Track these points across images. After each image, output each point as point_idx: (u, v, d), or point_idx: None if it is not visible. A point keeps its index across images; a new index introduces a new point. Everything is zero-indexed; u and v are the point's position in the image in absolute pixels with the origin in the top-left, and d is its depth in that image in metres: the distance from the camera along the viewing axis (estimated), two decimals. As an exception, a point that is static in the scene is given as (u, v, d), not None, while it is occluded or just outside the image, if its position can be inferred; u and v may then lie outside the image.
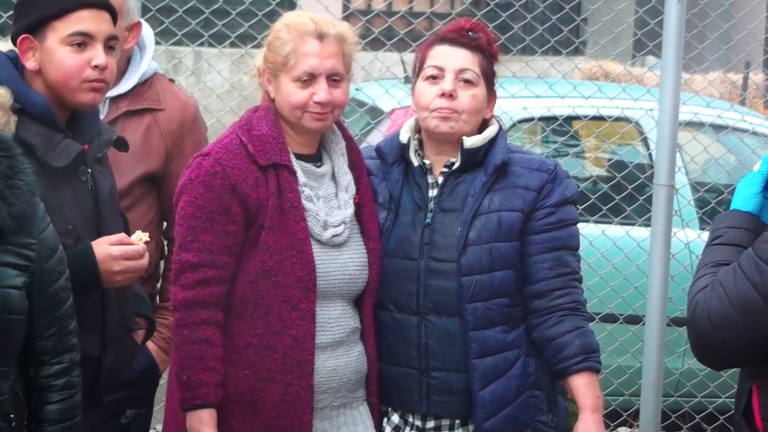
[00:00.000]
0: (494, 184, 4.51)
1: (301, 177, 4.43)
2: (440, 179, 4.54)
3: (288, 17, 4.48)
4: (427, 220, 4.52)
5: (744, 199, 3.92)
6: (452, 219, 4.50)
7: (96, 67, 4.27)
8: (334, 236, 4.46)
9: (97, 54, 4.26)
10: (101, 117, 4.80)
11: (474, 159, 4.50)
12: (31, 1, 4.36)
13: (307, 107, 4.36)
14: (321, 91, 4.35)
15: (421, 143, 4.58)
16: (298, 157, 4.43)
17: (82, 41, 4.24)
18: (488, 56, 4.56)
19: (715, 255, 3.89)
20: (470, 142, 4.48)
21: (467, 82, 4.47)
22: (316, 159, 4.50)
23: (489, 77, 4.55)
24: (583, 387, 4.50)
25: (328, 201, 4.49)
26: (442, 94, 4.44)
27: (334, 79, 4.38)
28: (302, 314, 4.39)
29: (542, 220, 4.52)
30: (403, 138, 4.58)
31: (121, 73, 5.10)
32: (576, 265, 4.62)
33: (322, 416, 4.44)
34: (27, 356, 3.90)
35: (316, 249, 4.41)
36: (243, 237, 4.38)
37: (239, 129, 4.44)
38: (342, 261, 4.48)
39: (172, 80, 5.45)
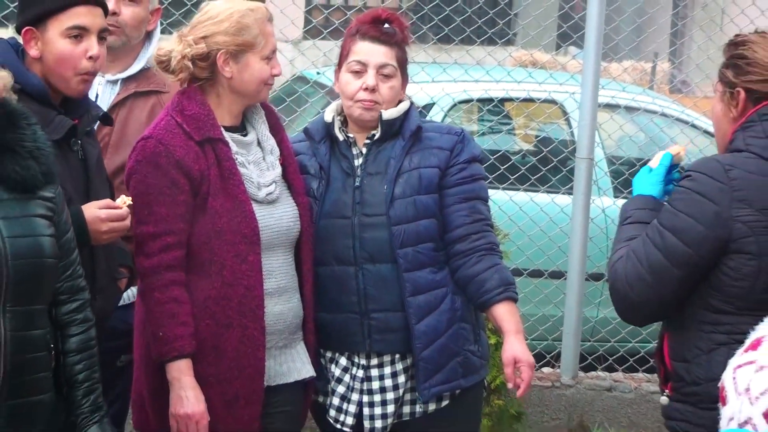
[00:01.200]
0: (412, 147, 4.54)
1: (233, 146, 4.44)
2: (364, 149, 4.56)
3: (228, 4, 4.46)
4: (356, 184, 4.53)
5: (650, 186, 4.22)
6: (378, 180, 4.52)
7: (90, 57, 4.29)
8: (267, 194, 4.48)
9: (92, 45, 4.30)
10: (114, 95, 4.96)
11: (392, 129, 4.52)
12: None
13: (269, 80, 4.45)
14: (278, 67, 4.48)
15: (343, 121, 4.59)
16: (226, 129, 4.44)
17: (78, 33, 4.27)
18: (403, 47, 4.59)
19: (627, 232, 4.12)
20: (388, 114, 4.51)
21: (387, 75, 4.49)
22: (241, 129, 4.51)
23: (403, 65, 4.58)
24: (505, 314, 4.51)
25: (258, 165, 4.50)
26: (366, 88, 4.46)
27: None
28: (251, 266, 4.40)
29: (456, 174, 4.55)
30: (328, 118, 4.60)
31: (136, 54, 5.14)
32: (487, 213, 4.68)
33: (269, 355, 4.43)
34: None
35: (255, 207, 4.42)
36: (192, 204, 4.36)
37: (173, 111, 4.43)
38: (278, 215, 4.50)
39: None
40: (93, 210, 4.22)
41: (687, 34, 9.99)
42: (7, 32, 4.44)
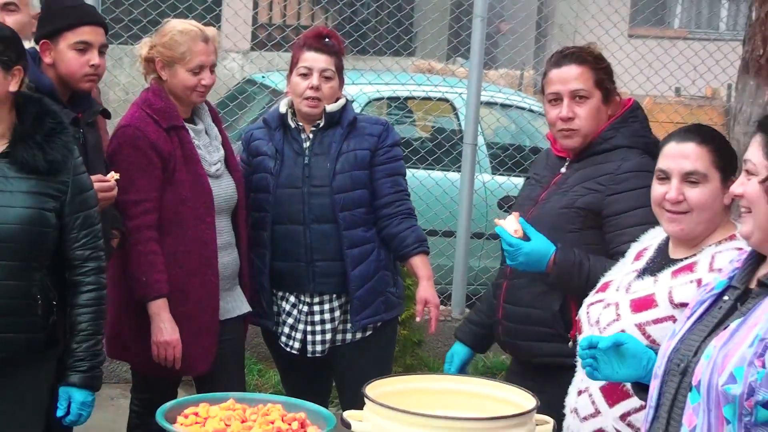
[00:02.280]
0: (348, 134, 4.57)
1: (191, 133, 4.48)
2: (311, 135, 4.56)
3: (177, 24, 4.51)
4: (306, 162, 4.54)
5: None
6: (323, 159, 4.53)
7: (92, 65, 4.28)
8: (216, 170, 4.52)
9: (94, 56, 4.29)
10: None
11: (333, 119, 4.54)
12: (50, 16, 4.37)
13: (196, 88, 4.44)
14: (207, 78, 4.45)
15: (294, 113, 4.59)
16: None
17: (83, 48, 4.26)
18: (339, 56, 4.59)
19: None
20: (330, 108, 4.53)
21: (327, 78, 4.50)
22: (191, 121, 4.54)
23: (340, 70, 4.59)
24: (420, 264, 4.60)
25: (207, 147, 4.54)
26: (311, 87, 4.48)
27: (213, 67, 4.49)
28: (208, 226, 4.45)
29: (383, 156, 4.60)
30: (282, 110, 4.62)
31: None
32: (405, 185, 4.72)
33: (220, 297, 4.51)
34: (63, 262, 3.86)
35: (210, 180, 4.47)
36: (162, 178, 4.39)
37: (142, 105, 4.47)
38: (223, 186, 4.54)
39: None
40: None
41: (548, 48, 10.02)
42: (28, 44, 4.41)
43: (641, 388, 2.92)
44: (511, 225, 3.69)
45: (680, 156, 3.17)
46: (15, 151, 3.74)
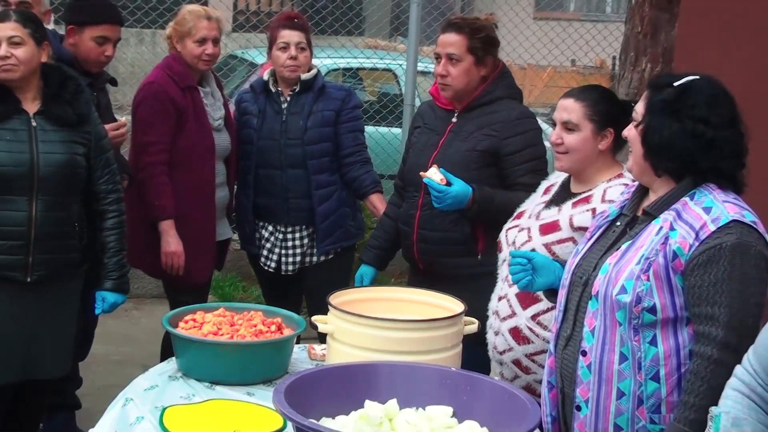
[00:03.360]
0: (318, 98, 4.49)
1: (201, 93, 4.45)
2: (288, 98, 4.50)
3: (187, 7, 4.51)
4: (283, 119, 4.48)
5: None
6: (297, 117, 4.47)
7: (106, 56, 4.32)
8: (218, 125, 4.49)
9: (109, 48, 4.32)
10: None
11: (306, 86, 4.48)
12: (80, 8, 4.39)
13: (201, 57, 4.41)
14: (210, 48, 4.42)
15: (275, 81, 4.54)
16: None
17: (102, 41, 4.28)
18: (308, 32, 4.54)
19: None
20: (304, 76, 4.47)
21: (302, 49, 4.44)
22: (200, 85, 4.50)
23: (310, 44, 4.52)
24: (376, 201, 4.56)
25: (212, 106, 4.50)
26: (291, 58, 4.42)
27: (215, 40, 4.45)
28: (209, 167, 4.44)
29: (347, 115, 4.53)
30: (266, 77, 4.56)
31: None
32: (363, 140, 4.67)
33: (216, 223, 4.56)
34: (90, 196, 3.85)
35: (213, 132, 4.46)
36: (175, 127, 4.36)
37: (164, 68, 4.44)
38: (222, 138, 4.51)
39: None
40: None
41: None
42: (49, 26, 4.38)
43: (552, 293, 2.95)
44: (436, 176, 3.65)
45: (562, 108, 3.21)
46: (49, 108, 3.71)
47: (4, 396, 3.81)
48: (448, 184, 3.67)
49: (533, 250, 3.14)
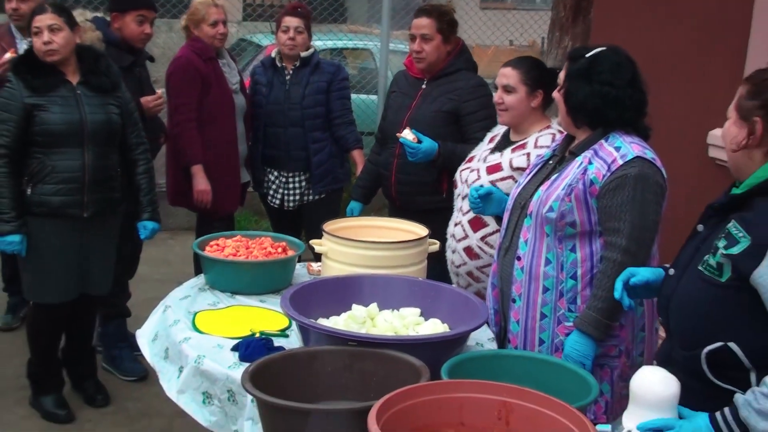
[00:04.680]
0: (314, 72, 4.41)
1: (220, 63, 4.37)
2: (291, 72, 4.41)
3: (196, 2, 4.39)
4: (287, 88, 4.39)
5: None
6: (297, 87, 4.38)
7: (146, 33, 4.23)
8: (235, 88, 4.40)
9: (147, 28, 4.24)
10: None
11: (305, 62, 4.40)
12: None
13: (216, 36, 4.34)
14: (222, 28, 4.35)
15: (280, 58, 4.44)
16: None
17: (141, 21, 4.20)
18: (308, 18, 4.43)
19: None
20: (303, 54, 4.39)
21: (300, 32, 4.35)
22: (220, 57, 4.42)
23: (309, 28, 4.41)
24: (357, 155, 4.51)
25: (229, 73, 4.41)
26: (289, 39, 4.33)
27: (224, 22, 4.37)
28: (232, 121, 4.38)
29: (336, 85, 4.45)
30: (273, 55, 4.48)
31: None
32: (350, 105, 4.58)
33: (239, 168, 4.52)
34: (123, 148, 3.81)
35: (232, 94, 4.38)
36: (201, 90, 4.28)
37: (188, 46, 4.35)
38: (239, 100, 4.42)
39: None
40: (144, 100, 4.16)
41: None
42: (84, 15, 4.28)
43: (500, 219, 2.95)
44: (409, 135, 3.62)
45: (502, 75, 3.19)
46: (88, 79, 3.67)
47: (65, 309, 3.82)
48: (419, 141, 3.65)
49: (482, 186, 3.12)
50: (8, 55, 4.08)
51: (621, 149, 2.57)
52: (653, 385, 1.76)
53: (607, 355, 2.61)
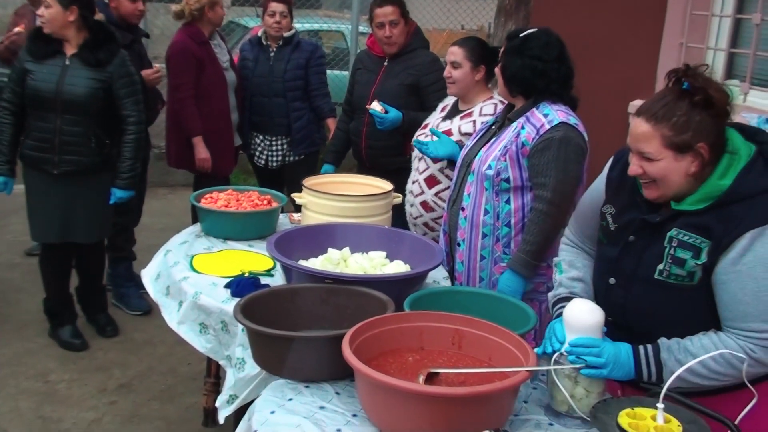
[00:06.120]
0: (295, 50, 4.32)
1: (212, 45, 4.27)
2: (275, 50, 4.32)
3: None
4: (270, 63, 4.31)
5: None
6: (279, 63, 4.29)
7: (140, 10, 4.12)
8: (226, 66, 4.30)
9: (140, 5, 4.13)
10: None
11: (287, 41, 4.31)
12: None
13: (214, 20, 4.26)
14: (220, 11, 4.28)
15: (266, 37, 4.34)
16: None
17: None
18: (291, 3, 4.33)
19: None
20: (287, 34, 4.30)
21: (284, 15, 4.26)
22: (210, 38, 4.30)
23: (291, 11, 4.32)
24: (331, 123, 4.40)
25: (220, 53, 4.31)
26: (275, 22, 4.24)
27: (221, 6, 4.30)
28: (225, 96, 4.28)
29: (314, 62, 4.35)
30: (260, 34, 4.38)
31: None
32: (326, 79, 4.47)
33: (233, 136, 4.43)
34: (117, 116, 3.66)
35: (223, 71, 4.28)
36: (197, 70, 4.17)
37: (184, 31, 4.24)
38: (230, 76, 4.32)
39: None
40: (144, 73, 4.06)
41: None
42: None
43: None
44: (377, 107, 3.60)
45: (450, 53, 3.16)
46: (81, 53, 3.57)
47: (71, 252, 3.81)
48: (386, 112, 3.63)
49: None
50: (17, 29, 4.00)
51: (549, 116, 2.58)
52: (582, 313, 1.78)
53: (536, 290, 2.66)
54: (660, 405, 1.46)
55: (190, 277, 2.60)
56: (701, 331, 1.71)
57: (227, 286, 2.51)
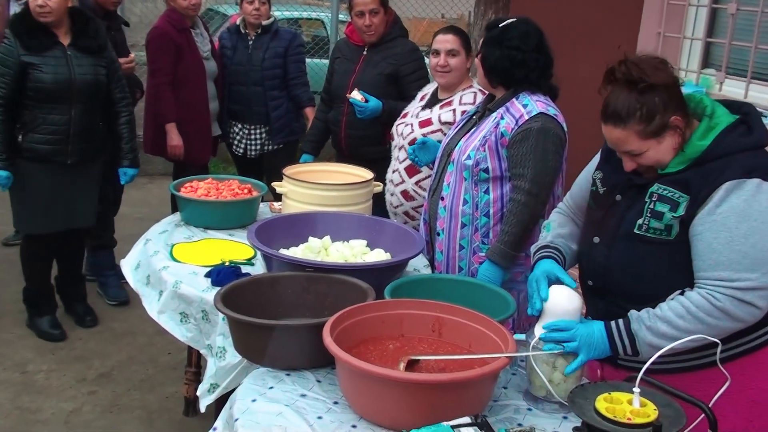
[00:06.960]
0: (274, 38, 4.29)
1: (193, 33, 4.21)
2: (253, 38, 4.29)
3: None
4: (249, 52, 4.28)
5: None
6: (258, 51, 4.26)
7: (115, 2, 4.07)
8: (206, 55, 4.25)
9: None
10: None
11: (266, 29, 4.28)
12: None
13: (189, 7, 4.17)
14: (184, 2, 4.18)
15: (245, 25, 4.31)
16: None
17: None
18: None
19: None
20: (265, 22, 4.27)
21: (263, 3, 4.23)
22: (193, 27, 4.25)
23: (270, 0, 4.29)
24: (309, 112, 4.38)
25: (201, 42, 4.25)
26: (255, 9, 4.22)
27: None
28: (202, 84, 4.23)
29: (293, 51, 4.32)
30: (238, 22, 4.34)
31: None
32: (305, 68, 4.43)
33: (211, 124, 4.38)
34: (108, 102, 3.70)
35: (203, 60, 4.22)
36: (175, 57, 4.13)
37: (165, 17, 4.19)
38: (210, 64, 4.27)
39: None
40: (120, 60, 3.94)
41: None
42: None
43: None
44: (357, 96, 3.57)
45: (445, 41, 3.12)
46: (78, 41, 3.55)
47: (52, 239, 3.78)
48: (366, 101, 3.60)
49: (415, 138, 3.11)
50: None
51: (528, 106, 2.57)
52: (561, 299, 1.80)
53: (514, 280, 2.66)
54: (636, 389, 1.48)
55: (171, 266, 2.59)
56: (677, 290, 1.73)
57: (208, 275, 2.50)
